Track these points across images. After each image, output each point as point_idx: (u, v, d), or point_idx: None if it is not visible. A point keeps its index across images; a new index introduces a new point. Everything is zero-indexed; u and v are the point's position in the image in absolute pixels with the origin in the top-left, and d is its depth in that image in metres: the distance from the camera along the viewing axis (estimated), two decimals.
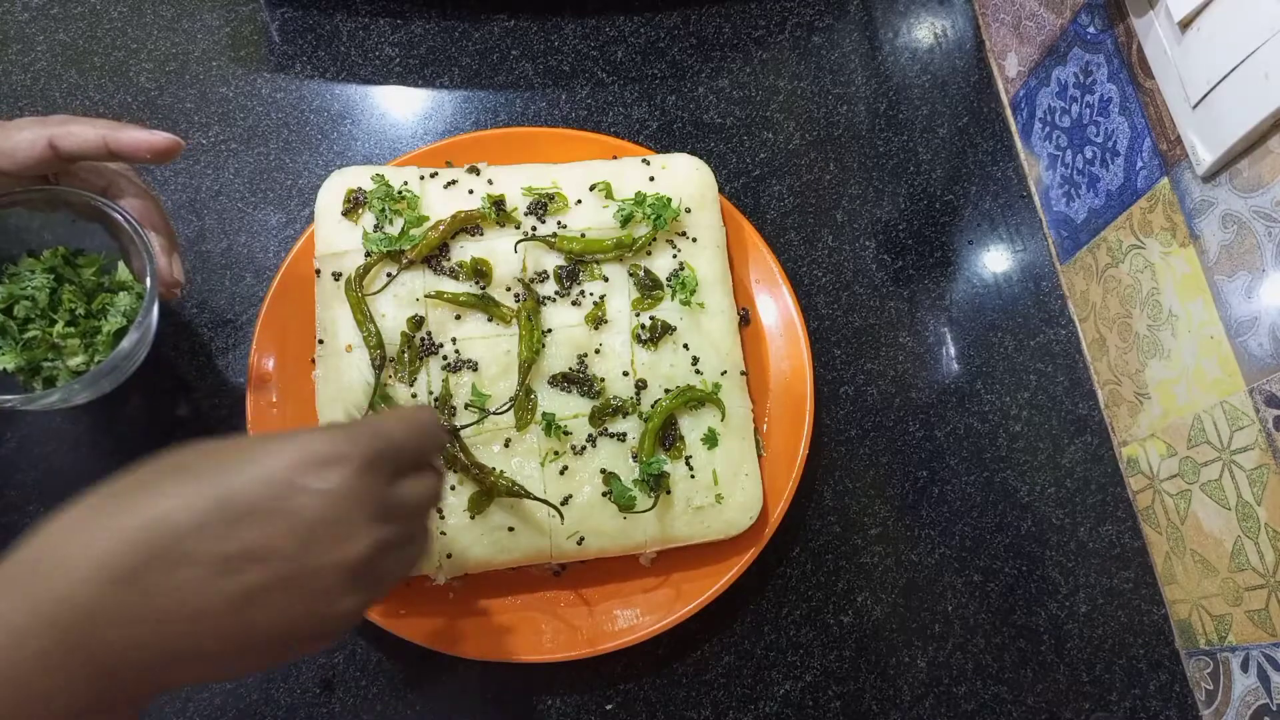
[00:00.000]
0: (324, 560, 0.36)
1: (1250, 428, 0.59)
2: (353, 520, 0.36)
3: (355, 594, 0.37)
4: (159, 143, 0.56)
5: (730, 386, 0.66)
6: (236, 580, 0.34)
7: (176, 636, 0.34)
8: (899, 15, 0.86)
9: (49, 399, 0.58)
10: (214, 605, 0.34)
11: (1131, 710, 0.67)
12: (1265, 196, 0.56)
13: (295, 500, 0.35)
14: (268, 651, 0.37)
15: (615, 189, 0.68)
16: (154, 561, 0.33)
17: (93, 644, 0.32)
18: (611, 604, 0.64)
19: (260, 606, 0.35)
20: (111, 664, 0.33)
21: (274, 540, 0.35)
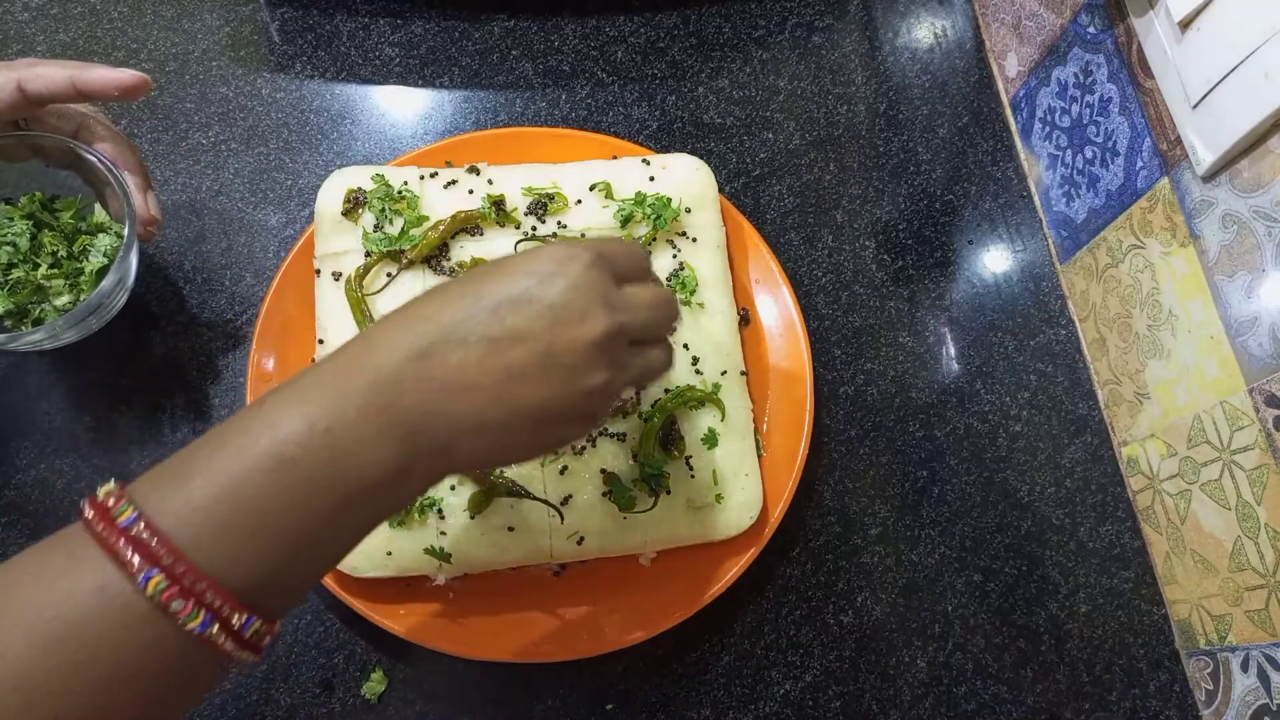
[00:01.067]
0: (569, 337, 0.42)
1: (1250, 428, 0.59)
2: (588, 304, 0.43)
3: (599, 371, 0.43)
4: (126, 80, 0.58)
5: (730, 386, 0.66)
6: (501, 357, 0.41)
7: (460, 404, 0.41)
8: (899, 15, 0.86)
9: (34, 337, 0.59)
10: (485, 378, 0.41)
11: (1131, 710, 0.67)
12: (1265, 196, 0.56)
13: (541, 291, 0.42)
14: (537, 426, 0.43)
15: (615, 189, 0.68)
16: (438, 344, 0.41)
17: (396, 405, 0.40)
18: (611, 604, 0.63)
19: (523, 380, 0.42)
20: (411, 425, 0.40)
21: (528, 323, 0.42)
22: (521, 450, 0.45)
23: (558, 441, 0.47)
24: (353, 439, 0.39)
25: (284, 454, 0.38)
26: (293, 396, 0.39)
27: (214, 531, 0.36)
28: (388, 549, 0.60)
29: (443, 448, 0.41)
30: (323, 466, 0.38)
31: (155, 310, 0.71)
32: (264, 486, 0.37)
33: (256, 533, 0.37)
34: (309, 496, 0.38)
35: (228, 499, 0.37)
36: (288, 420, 0.38)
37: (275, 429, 0.38)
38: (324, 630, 0.64)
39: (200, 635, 0.36)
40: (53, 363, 0.69)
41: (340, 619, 0.64)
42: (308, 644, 0.63)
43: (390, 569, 0.61)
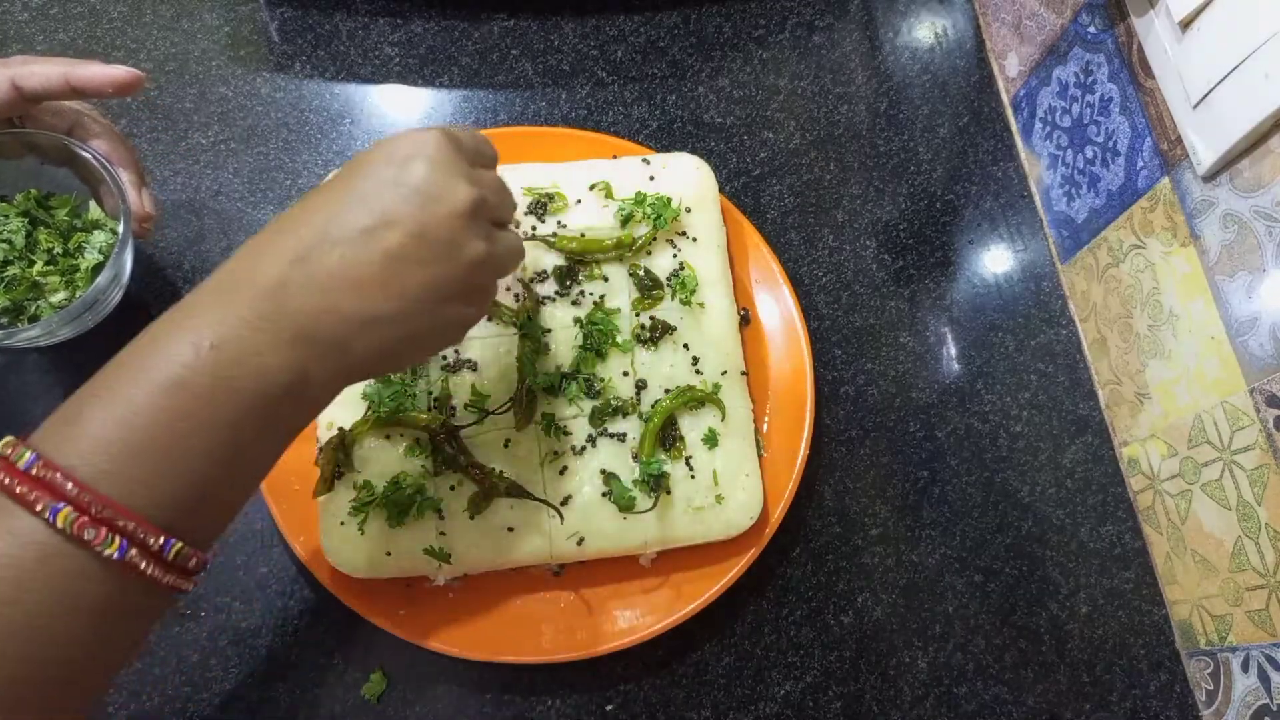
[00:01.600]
0: (439, 212, 0.44)
1: (1251, 428, 0.58)
2: (449, 179, 0.44)
3: (476, 241, 0.45)
4: (119, 75, 0.58)
5: (730, 386, 0.66)
6: (378, 245, 0.42)
7: (348, 299, 0.42)
8: (899, 15, 0.86)
9: (30, 333, 0.59)
10: (368, 268, 0.42)
11: (1132, 710, 0.67)
12: (1266, 196, 0.56)
13: (402, 175, 0.44)
14: (430, 311, 0.44)
15: (615, 188, 0.68)
16: (315, 245, 0.42)
17: (282, 311, 0.41)
18: (611, 604, 0.63)
19: (404, 263, 0.43)
20: (303, 325, 0.41)
21: (396, 207, 0.43)
22: (421, 338, 0.46)
23: (454, 324, 0.47)
24: (242, 351, 0.40)
25: (174, 376, 0.38)
26: (177, 319, 0.40)
27: (115, 460, 0.37)
28: (387, 549, 0.60)
29: (337, 346, 0.42)
30: (215, 383, 0.39)
31: (154, 310, 0.70)
32: (159, 410, 0.38)
33: (159, 456, 0.38)
34: (206, 414, 0.39)
35: (124, 427, 0.37)
36: (174, 344, 0.39)
37: (163, 354, 0.39)
38: (324, 630, 0.64)
39: (121, 561, 0.36)
40: (52, 363, 0.68)
41: (340, 619, 0.64)
42: (308, 644, 0.63)
43: (390, 569, 0.60)
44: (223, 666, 0.62)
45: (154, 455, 0.38)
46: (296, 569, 0.64)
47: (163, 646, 0.62)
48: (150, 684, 0.61)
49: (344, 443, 0.61)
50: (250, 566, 0.65)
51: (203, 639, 0.63)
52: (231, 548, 0.65)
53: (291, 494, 0.63)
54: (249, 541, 0.65)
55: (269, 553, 0.65)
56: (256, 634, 0.63)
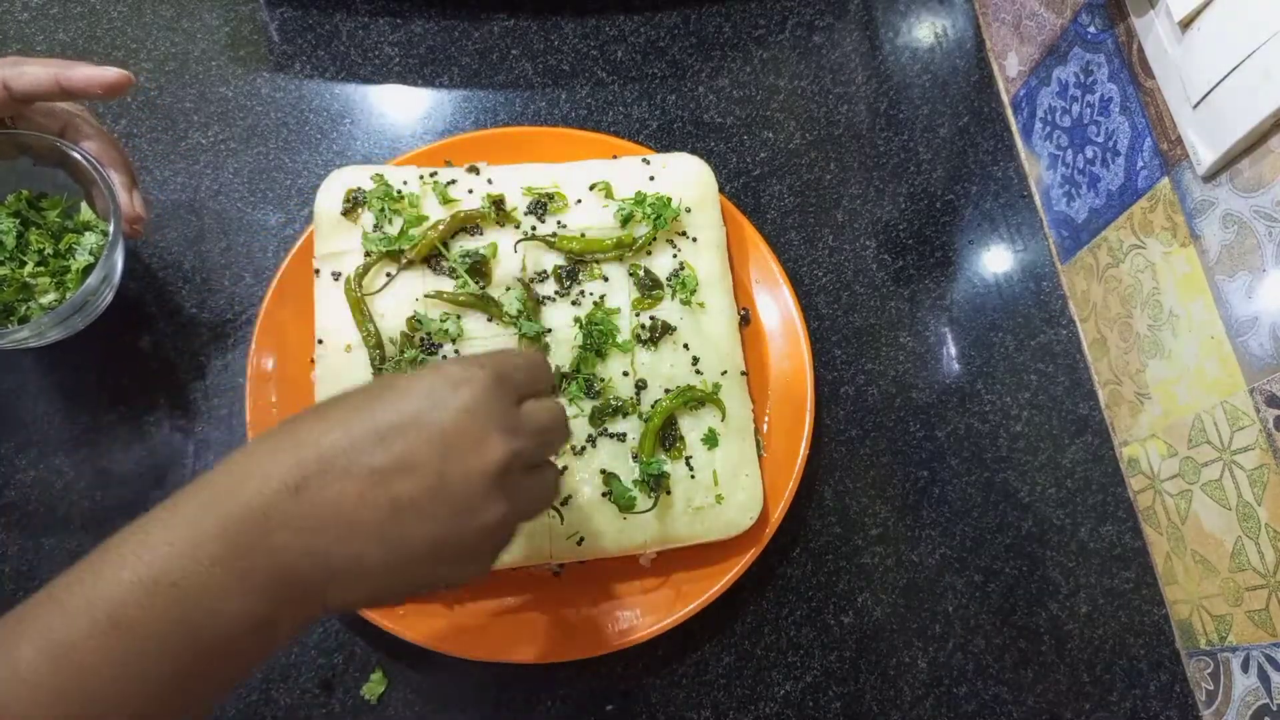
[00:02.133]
0: (464, 467, 0.38)
1: (1251, 428, 0.58)
2: (485, 430, 0.39)
3: (497, 504, 0.40)
4: (110, 77, 0.58)
5: (730, 386, 0.66)
6: (387, 490, 0.37)
7: (338, 545, 0.37)
8: (899, 15, 0.86)
9: (19, 335, 0.59)
10: (368, 514, 0.37)
11: (1132, 710, 0.67)
12: (1266, 196, 0.56)
13: (433, 415, 0.38)
14: (423, 568, 0.39)
15: (615, 188, 0.68)
16: (316, 475, 0.36)
17: (262, 547, 0.36)
18: (611, 604, 0.63)
19: (410, 515, 0.37)
20: (281, 569, 0.36)
21: (418, 451, 0.38)
22: (400, 592, 0.41)
23: (442, 583, 0.42)
24: (207, 592, 0.35)
25: (124, 617, 0.34)
26: (140, 545, 0.35)
27: (41, 702, 0.33)
28: None
29: (313, 592, 0.37)
30: (170, 626, 0.34)
31: (154, 310, 0.71)
32: (101, 652, 0.34)
33: (93, 701, 0.34)
34: (153, 660, 0.34)
35: (60, 668, 0.33)
36: (131, 574, 0.34)
37: (118, 584, 0.34)
38: (324, 630, 0.64)
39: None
40: (52, 363, 0.68)
41: (340, 619, 0.64)
42: (307, 644, 0.63)
43: None
44: None
45: (82, 701, 0.33)
46: None
47: None
48: None
49: None
50: None
51: None
52: None
53: None
54: None
55: None
56: None
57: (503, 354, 0.44)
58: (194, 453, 0.67)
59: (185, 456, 0.67)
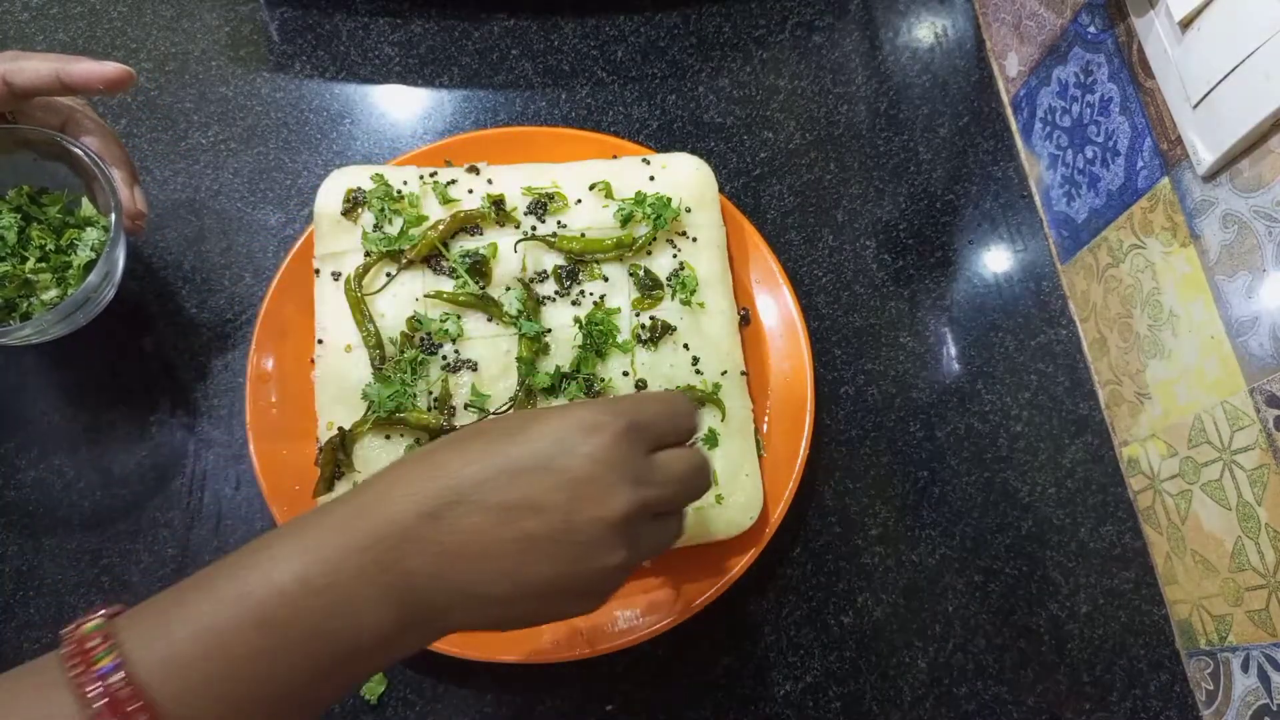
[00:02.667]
0: (589, 514, 0.40)
1: (1251, 428, 0.58)
2: (612, 481, 0.41)
3: (617, 551, 0.41)
4: (110, 73, 0.58)
5: (730, 386, 0.66)
6: (516, 527, 0.39)
7: (466, 573, 0.39)
8: (899, 15, 0.86)
9: (22, 332, 0.59)
10: (497, 547, 0.39)
11: (1132, 710, 0.67)
12: (1266, 196, 0.56)
13: (564, 460, 0.40)
14: (541, 602, 0.42)
15: (615, 189, 0.68)
16: (453, 505, 0.39)
17: (399, 567, 0.38)
18: (611, 605, 0.63)
19: (535, 553, 0.40)
20: (412, 590, 0.38)
21: (547, 494, 0.40)
22: (519, 622, 0.43)
23: (559, 616, 0.44)
24: (349, 600, 0.37)
25: (274, 615, 0.36)
26: (293, 548, 0.38)
27: (192, 686, 0.35)
28: None
29: (439, 614, 0.40)
30: (312, 628, 0.37)
31: (154, 310, 0.71)
32: (250, 645, 0.36)
33: (236, 692, 0.36)
34: (296, 659, 0.37)
35: (210, 655, 0.36)
36: (282, 574, 0.37)
37: (270, 583, 0.37)
38: None
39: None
40: (51, 362, 0.68)
41: None
42: None
43: None
44: None
45: (228, 688, 0.36)
46: None
47: None
48: None
49: (344, 443, 0.61)
50: None
51: None
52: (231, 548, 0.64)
53: (291, 494, 0.63)
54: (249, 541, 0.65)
55: None
56: None
57: (642, 399, 0.46)
58: (194, 452, 0.67)
59: (185, 456, 0.67)
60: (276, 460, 0.64)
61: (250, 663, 0.36)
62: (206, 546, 0.65)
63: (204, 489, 0.66)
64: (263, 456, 0.63)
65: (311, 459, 0.62)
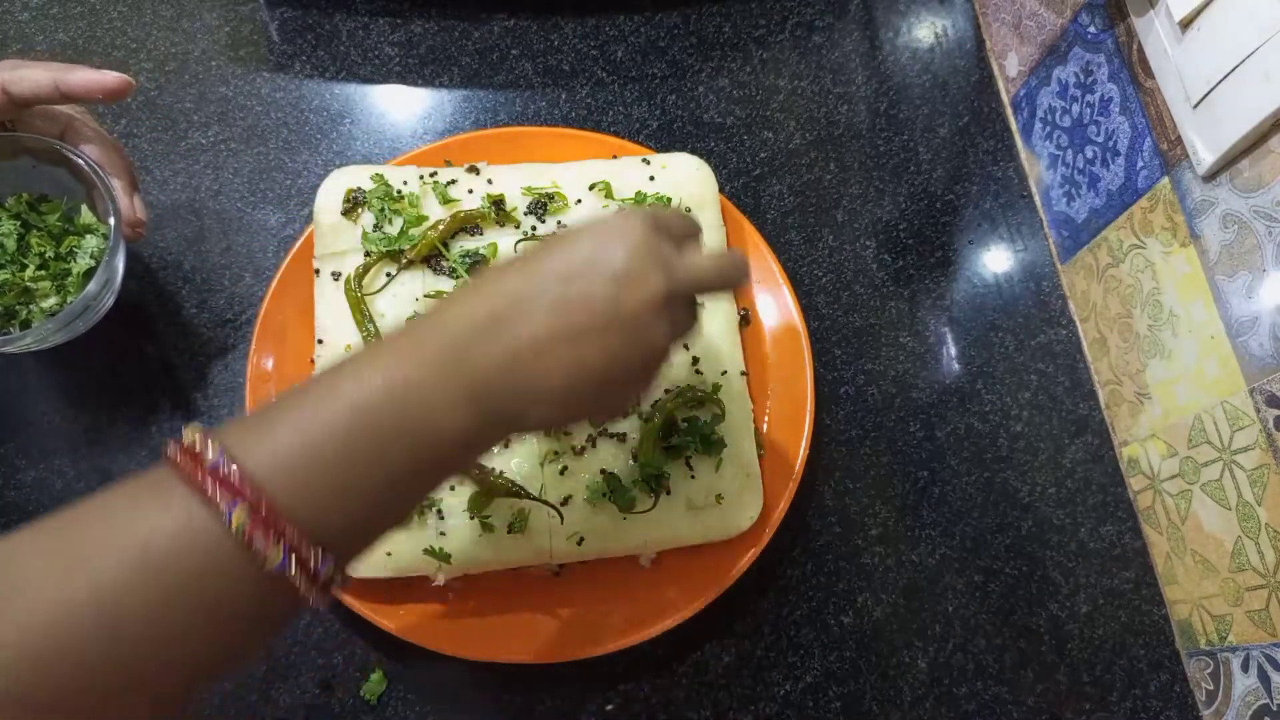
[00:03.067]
0: (635, 299, 0.44)
1: (1251, 428, 0.58)
2: (649, 268, 0.44)
3: (661, 330, 0.45)
4: (110, 82, 0.58)
5: (730, 386, 0.66)
6: (570, 322, 0.43)
7: (531, 370, 0.42)
8: (899, 15, 0.86)
9: (22, 340, 0.59)
10: (554, 344, 0.42)
11: (1132, 710, 0.67)
12: (1266, 196, 0.56)
13: (604, 256, 0.44)
14: (601, 390, 0.45)
15: (615, 188, 0.68)
16: (508, 310, 0.43)
17: (467, 370, 0.41)
18: (611, 604, 0.63)
19: (591, 343, 0.43)
20: (487, 391, 0.42)
21: (593, 288, 0.43)
22: (580, 414, 0.47)
23: (614, 406, 0.49)
24: (430, 398, 0.40)
25: (364, 406, 0.39)
26: (371, 359, 0.41)
27: (296, 477, 0.38)
28: (387, 549, 0.60)
29: (510, 411, 0.43)
30: (401, 420, 0.40)
31: (155, 310, 0.71)
32: (346, 437, 0.39)
33: (335, 480, 0.39)
34: (388, 448, 0.40)
35: (311, 447, 0.38)
36: (369, 376, 0.40)
37: (359, 383, 0.40)
38: (324, 630, 0.64)
39: (278, 574, 0.37)
40: (51, 363, 0.68)
41: (340, 619, 0.64)
42: (307, 644, 0.63)
43: (390, 569, 0.60)
44: None
45: (331, 478, 0.39)
46: None
47: None
48: None
49: None
50: None
51: None
52: None
53: None
54: None
55: None
56: None
57: (652, 206, 0.50)
58: None
59: None
60: None
61: (346, 453, 0.39)
62: None
63: None
64: None
65: None
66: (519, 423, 0.44)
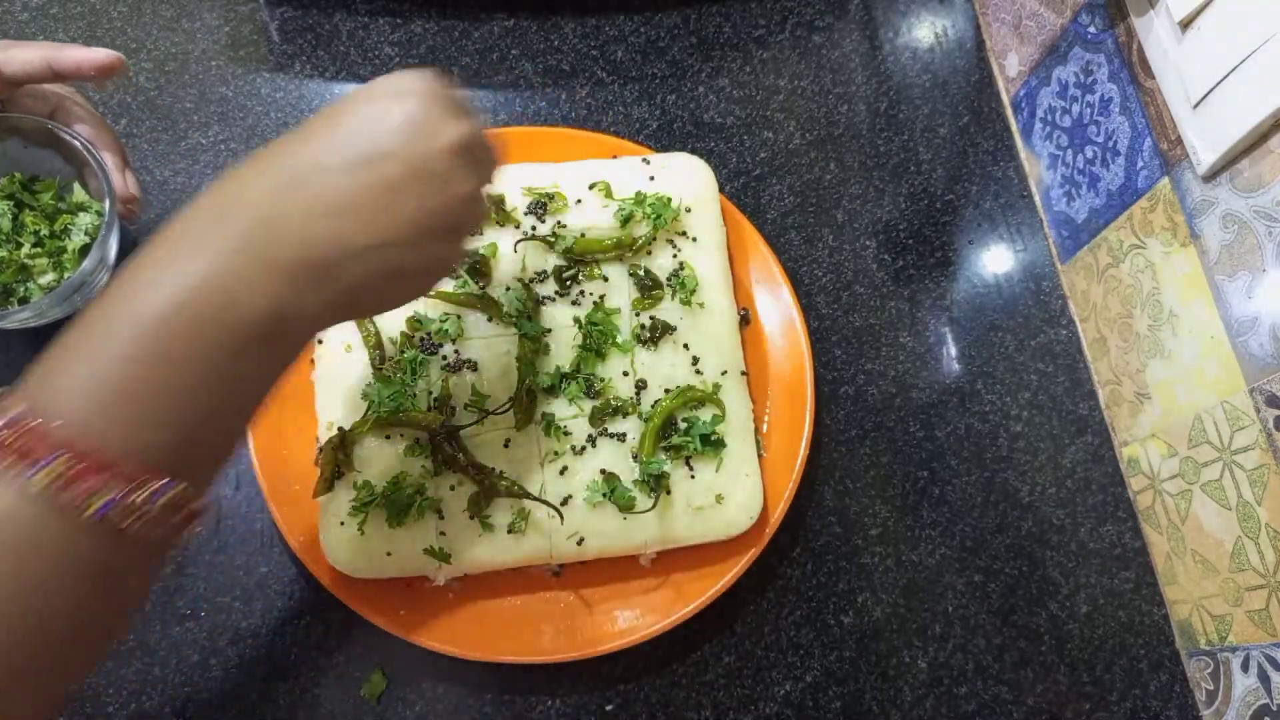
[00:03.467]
0: (434, 143, 0.44)
1: (1251, 428, 0.58)
2: (444, 115, 0.45)
3: (467, 177, 0.45)
4: (101, 59, 0.58)
5: (730, 386, 0.66)
6: (373, 172, 0.42)
7: (337, 228, 0.41)
8: (899, 14, 0.86)
9: (20, 315, 0.60)
10: (363, 196, 0.42)
11: (1132, 710, 0.67)
12: (1266, 196, 0.56)
13: (399, 108, 0.44)
14: (415, 243, 0.44)
15: (615, 188, 0.68)
16: (311, 171, 0.42)
17: (276, 238, 0.40)
18: (611, 604, 0.63)
19: (396, 194, 0.43)
20: (294, 256, 0.40)
21: (390, 139, 0.43)
22: (407, 274, 0.46)
23: (438, 261, 0.47)
24: (231, 283, 0.39)
25: (159, 314, 0.38)
26: (160, 253, 0.40)
27: (100, 408, 0.36)
28: (388, 549, 0.60)
29: (328, 275, 0.42)
30: (202, 319, 0.38)
31: None
32: (151, 349, 0.37)
33: (145, 399, 0.37)
34: (194, 351, 0.38)
35: (108, 372, 0.37)
36: (158, 280, 0.39)
37: (148, 292, 0.38)
38: (324, 630, 0.64)
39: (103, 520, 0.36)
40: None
41: (340, 619, 0.64)
42: (308, 644, 0.63)
43: (390, 569, 0.60)
44: (223, 666, 0.62)
45: (139, 399, 0.37)
46: (296, 569, 0.64)
47: (163, 646, 0.62)
48: (150, 684, 0.61)
49: (344, 443, 0.61)
50: (250, 566, 0.65)
51: (203, 639, 0.63)
52: (232, 548, 0.65)
53: (292, 494, 0.63)
54: (249, 541, 0.65)
55: (269, 553, 0.65)
56: (256, 634, 0.63)
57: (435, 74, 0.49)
58: None
59: None
60: (276, 460, 0.64)
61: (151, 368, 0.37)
62: (207, 546, 0.65)
63: None
64: (263, 456, 0.63)
65: (311, 459, 0.62)
66: (337, 284, 0.42)
